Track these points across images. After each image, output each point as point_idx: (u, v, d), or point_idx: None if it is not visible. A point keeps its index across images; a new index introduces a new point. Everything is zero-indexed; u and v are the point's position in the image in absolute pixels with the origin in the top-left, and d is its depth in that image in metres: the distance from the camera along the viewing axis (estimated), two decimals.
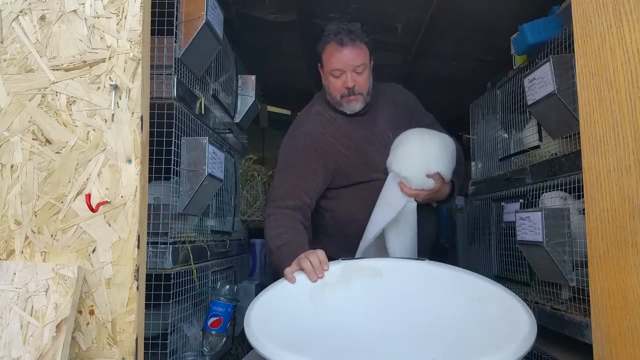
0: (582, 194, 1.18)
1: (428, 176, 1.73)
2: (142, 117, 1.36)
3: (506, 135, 2.38)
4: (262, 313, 1.32)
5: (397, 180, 1.76)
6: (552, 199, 1.76)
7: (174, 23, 1.69)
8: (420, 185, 1.73)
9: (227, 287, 2.10)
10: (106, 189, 1.34)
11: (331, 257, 1.82)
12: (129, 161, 1.35)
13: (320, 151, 1.80)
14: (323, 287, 1.44)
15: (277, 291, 1.43)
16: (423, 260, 1.54)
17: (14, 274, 1.29)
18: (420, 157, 1.75)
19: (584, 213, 1.64)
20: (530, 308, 1.89)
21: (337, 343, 1.25)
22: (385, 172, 1.80)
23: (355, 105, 1.81)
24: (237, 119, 2.61)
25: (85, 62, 1.38)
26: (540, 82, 1.72)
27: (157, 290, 1.60)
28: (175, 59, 1.70)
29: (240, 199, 2.63)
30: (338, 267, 1.50)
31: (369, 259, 1.55)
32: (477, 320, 1.28)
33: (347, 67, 1.75)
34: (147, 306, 1.40)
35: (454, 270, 1.51)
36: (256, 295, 2.56)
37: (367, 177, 1.82)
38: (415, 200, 1.75)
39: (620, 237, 1.02)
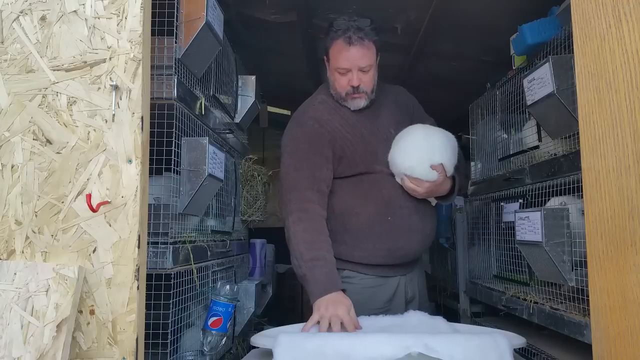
0: (582, 194, 1.18)
1: (432, 167, 1.74)
2: (142, 118, 1.36)
3: (505, 136, 2.39)
4: None
5: (400, 177, 1.79)
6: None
7: (174, 23, 1.69)
8: (424, 176, 1.74)
9: (227, 287, 2.10)
10: (107, 189, 1.34)
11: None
12: (130, 161, 1.35)
13: (328, 137, 1.78)
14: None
15: None
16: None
17: (15, 273, 1.29)
18: (424, 147, 1.76)
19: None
20: (530, 308, 1.90)
21: None
22: (387, 166, 1.81)
23: (359, 103, 1.81)
24: (237, 119, 2.62)
25: (85, 62, 1.38)
26: (539, 83, 1.72)
27: (157, 290, 1.60)
28: (175, 59, 1.70)
29: (241, 199, 2.63)
30: None
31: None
32: None
33: (353, 67, 1.74)
34: (147, 306, 1.40)
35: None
36: (256, 295, 2.58)
37: (371, 168, 1.81)
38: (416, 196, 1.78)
39: (620, 237, 1.02)
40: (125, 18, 1.38)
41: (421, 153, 1.75)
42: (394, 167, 1.80)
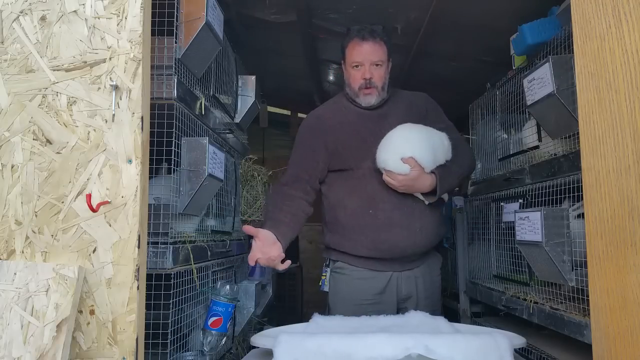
0: (581, 195, 1.18)
1: (403, 160, 1.79)
2: (142, 118, 1.36)
3: (505, 136, 2.39)
4: None
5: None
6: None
7: (174, 23, 1.69)
8: (395, 168, 1.80)
9: (227, 286, 2.10)
10: (107, 189, 1.34)
11: (328, 247, 1.99)
12: (130, 161, 1.35)
13: (323, 132, 1.95)
14: None
15: None
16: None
17: (15, 273, 1.29)
18: (397, 141, 1.84)
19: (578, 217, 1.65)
20: (530, 308, 1.90)
21: None
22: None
23: (370, 99, 1.93)
24: (237, 119, 2.62)
25: (85, 62, 1.38)
26: (539, 83, 1.72)
27: (157, 290, 1.60)
28: (175, 59, 1.70)
29: (241, 199, 2.63)
30: None
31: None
32: None
33: (366, 60, 1.89)
34: (147, 306, 1.40)
35: None
36: (256, 295, 2.57)
37: (360, 165, 1.90)
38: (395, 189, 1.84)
39: (620, 237, 1.02)
40: (125, 18, 1.38)
41: (394, 146, 1.83)
42: (376, 162, 1.87)
